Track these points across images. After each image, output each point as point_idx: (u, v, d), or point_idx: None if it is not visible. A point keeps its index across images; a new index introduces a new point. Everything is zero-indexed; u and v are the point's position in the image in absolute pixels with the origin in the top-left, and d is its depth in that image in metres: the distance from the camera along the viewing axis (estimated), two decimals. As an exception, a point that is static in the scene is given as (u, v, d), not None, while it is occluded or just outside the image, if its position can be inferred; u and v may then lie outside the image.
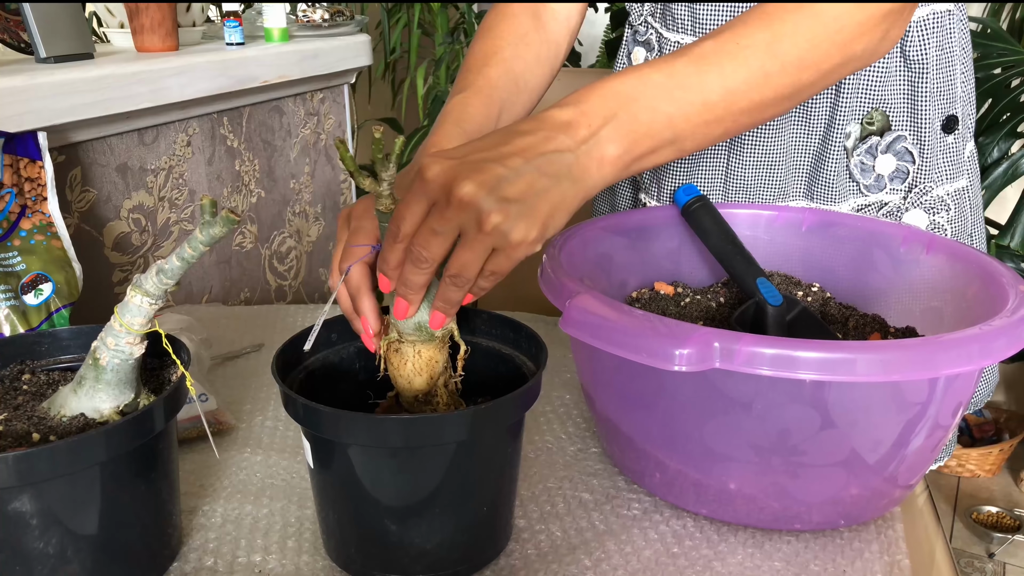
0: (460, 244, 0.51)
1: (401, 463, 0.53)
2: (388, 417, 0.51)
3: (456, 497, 0.54)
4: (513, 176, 0.50)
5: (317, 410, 0.52)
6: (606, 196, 1.06)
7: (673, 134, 0.57)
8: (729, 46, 0.58)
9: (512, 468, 0.59)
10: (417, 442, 0.52)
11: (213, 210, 0.52)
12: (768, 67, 0.59)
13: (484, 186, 0.49)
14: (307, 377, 0.62)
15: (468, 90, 0.75)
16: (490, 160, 0.51)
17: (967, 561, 1.94)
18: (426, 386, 0.60)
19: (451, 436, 0.52)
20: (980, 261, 0.68)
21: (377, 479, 0.53)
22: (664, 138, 0.57)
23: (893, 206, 0.85)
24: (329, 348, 0.65)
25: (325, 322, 0.61)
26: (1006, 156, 1.63)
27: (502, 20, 0.83)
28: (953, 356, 0.52)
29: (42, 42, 1.11)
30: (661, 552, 0.61)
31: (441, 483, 0.53)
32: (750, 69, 0.58)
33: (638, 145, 0.56)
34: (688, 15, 0.85)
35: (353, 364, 0.66)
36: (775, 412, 0.55)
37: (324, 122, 1.77)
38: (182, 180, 1.37)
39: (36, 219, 0.88)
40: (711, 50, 0.58)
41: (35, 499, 0.50)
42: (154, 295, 0.54)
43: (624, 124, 0.55)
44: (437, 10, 2.56)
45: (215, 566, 0.60)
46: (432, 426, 0.51)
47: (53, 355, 0.64)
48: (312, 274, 1.79)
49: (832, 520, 0.62)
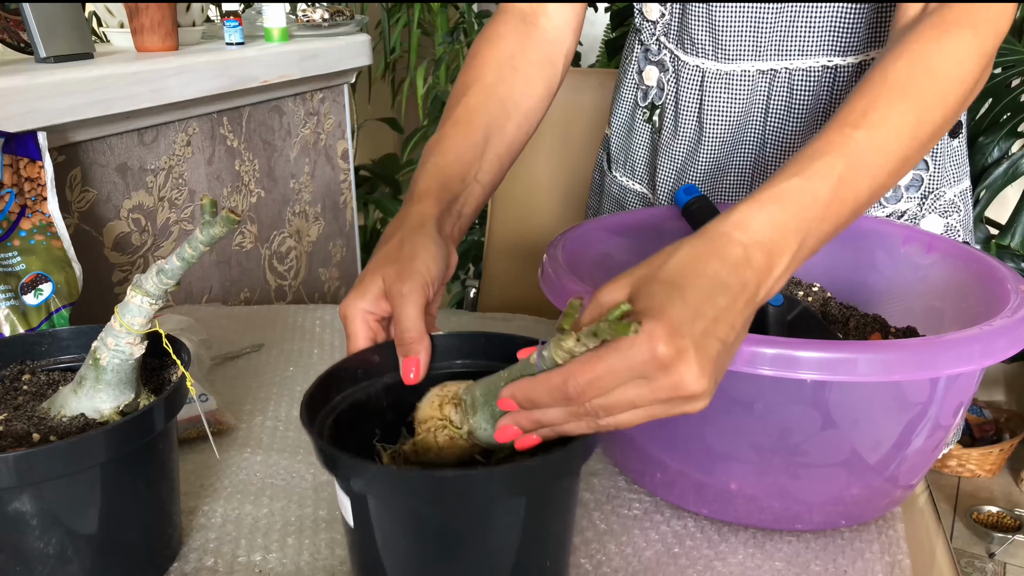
0: (641, 409, 0.46)
1: (453, 520, 0.48)
2: (457, 473, 0.47)
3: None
4: (727, 354, 0.47)
5: (378, 471, 0.47)
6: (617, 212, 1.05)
7: (817, 248, 0.55)
8: (869, 155, 0.55)
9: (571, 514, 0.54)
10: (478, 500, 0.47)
11: (213, 210, 0.52)
12: (910, 155, 0.57)
13: (707, 373, 0.45)
14: (336, 422, 0.56)
15: (447, 124, 0.72)
16: (710, 335, 0.45)
17: (967, 561, 1.94)
18: (454, 462, 0.54)
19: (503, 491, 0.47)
20: (981, 261, 0.68)
21: (445, 545, 0.48)
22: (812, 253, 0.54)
23: (911, 214, 0.85)
24: (355, 386, 0.58)
25: (349, 359, 0.58)
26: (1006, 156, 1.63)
27: (485, 46, 0.79)
28: (954, 356, 0.52)
29: (42, 42, 1.11)
30: (662, 552, 0.61)
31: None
32: (891, 158, 0.56)
33: (795, 267, 0.53)
34: (708, 39, 0.83)
35: (381, 401, 0.59)
36: (776, 412, 0.55)
37: (324, 122, 1.77)
38: (182, 180, 1.37)
39: (36, 219, 0.88)
40: (859, 157, 0.54)
41: (35, 499, 0.49)
42: (154, 295, 0.54)
43: (797, 260, 0.52)
44: (437, 10, 2.56)
45: (215, 566, 0.60)
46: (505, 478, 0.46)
47: (53, 355, 0.64)
48: (312, 274, 1.79)
49: (833, 520, 0.62)
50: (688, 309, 0.45)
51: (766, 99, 0.83)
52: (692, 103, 0.87)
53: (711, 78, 0.85)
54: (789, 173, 0.53)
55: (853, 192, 0.54)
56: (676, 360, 0.44)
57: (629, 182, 0.99)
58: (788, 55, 0.81)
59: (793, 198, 0.51)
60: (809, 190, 0.52)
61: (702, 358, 0.44)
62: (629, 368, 0.44)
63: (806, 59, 0.81)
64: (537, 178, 1.28)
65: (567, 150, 1.26)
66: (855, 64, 0.80)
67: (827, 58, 0.80)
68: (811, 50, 0.80)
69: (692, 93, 0.87)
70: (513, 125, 0.76)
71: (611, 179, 1.02)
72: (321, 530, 0.64)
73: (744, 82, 0.83)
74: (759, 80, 0.83)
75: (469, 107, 0.74)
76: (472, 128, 0.72)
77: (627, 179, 0.99)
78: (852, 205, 0.54)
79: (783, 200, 0.51)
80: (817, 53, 0.80)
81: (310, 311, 1.06)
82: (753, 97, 0.84)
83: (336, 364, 0.57)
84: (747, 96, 0.84)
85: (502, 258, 1.34)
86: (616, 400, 0.45)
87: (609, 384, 0.45)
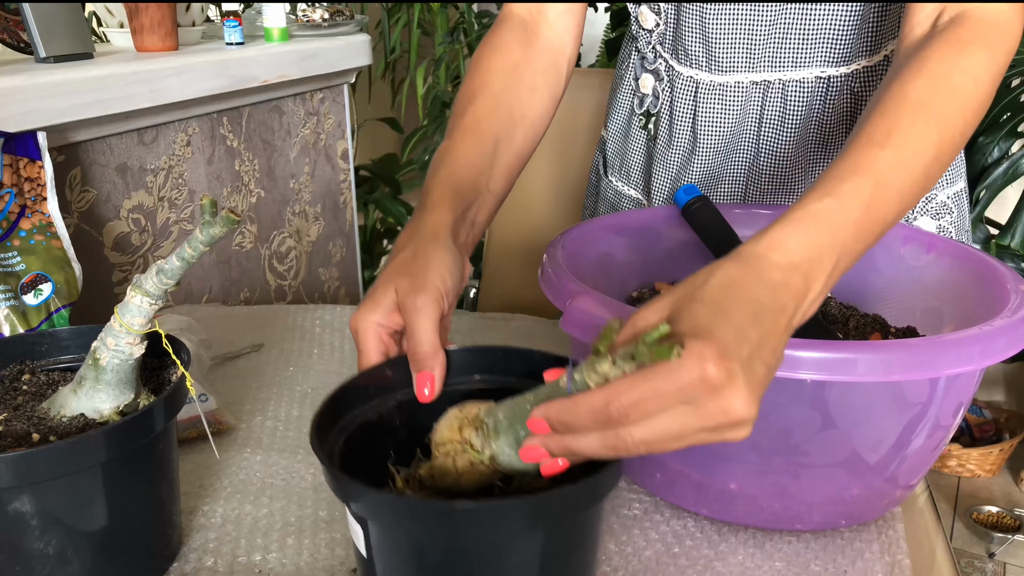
0: (687, 432, 0.43)
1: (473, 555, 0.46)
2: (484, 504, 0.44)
3: None
4: (768, 376, 0.45)
5: (380, 498, 0.45)
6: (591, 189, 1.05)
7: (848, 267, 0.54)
8: (898, 174, 0.55)
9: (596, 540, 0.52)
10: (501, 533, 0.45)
11: (213, 210, 0.52)
12: (932, 171, 0.57)
13: (754, 396, 0.43)
14: (347, 443, 0.53)
15: (455, 133, 0.71)
16: (755, 358, 0.44)
17: (967, 561, 1.94)
18: (474, 489, 0.52)
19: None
20: (981, 261, 0.68)
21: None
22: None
23: None
24: (367, 404, 0.56)
25: (360, 375, 0.56)
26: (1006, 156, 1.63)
27: (489, 53, 0.78)
28: (954, 356, 0.52)
29: (42, 42, 1.11)
30: (662, 552, 0.61)
31: None
32: (915, 176, 0.56)
33: (828, 290, 0.52)
34: (702, 51, 0.83)
35: (394, 420, 0.57)
36: (776, 412, 0.55)
37: (324, 122, 1.77)
38: (182, 180, 1.37)
39: (36, 219, 0.88)
40: (886, 176, 0.54)
41: (35, 499, 0.49)
42: (154, 295, 0.54)
43: (831, 282, 0.51)
44: (437, 10, 2.56)
45: (215, 566, 0.60)
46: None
47: (53, 355, 0.64)
48: (312, 274, 1.79)
49: (833, 520, 0.62)
50: (734, 331, 0.43)
51: (760, 110, 0.84)
52: (686, 113, 0.87)
53: (705, 89, 0.85)
54: (821, 193, 0.52)
55: (883, 211, 0.54)
56: (727, 383, 0.41)
57: (625, 187, 0.99)
58: (782, 67, 0.81)
59: (827, 219, 0.51)
60: (842, 211, 0.52)
61: (751, 382, 0.43)
62: (678, 391, 0.41)
63: (799, 71, 0.81)
64: (537, 178, 1.28)
65: (568, 150, 1.26)
66: (847, 73, 0.80)
67: (820, 69, 0.80)
68: (804, 62, 0.80)
69: (686, 103, 0.87)
70: (520, 134, 0.75)
71: (607, 184, 1.02)
72: (321, 530, 0.64)
73: (738, 93, 0.83)
74: (753, 92, 0.83)
75: (477, 116, 0.73)
76: (481, 137, 0.71)
77: (623, 184, 0.99)
78: (881, 224, 0.54)
79: (817, 221, 0.51)
80: (810, 64, 0.80)
81: (310, 311, 1.06)
82: (747, 108, 0.84)
83: (347, 381, 0.54)
84: (741, 107, 0.84)
85: (502, 258, 1.34)
86: (659, 426, 0.42)
87: (653, 408, 0.42)
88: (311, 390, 0.86)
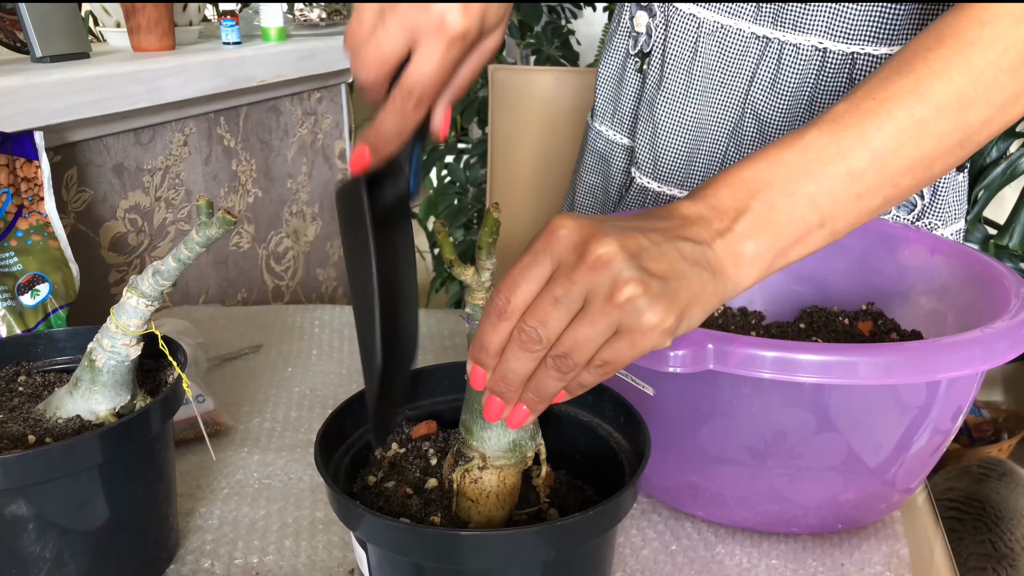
0: (579, 317, 0.43)
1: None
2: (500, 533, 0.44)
3: None
4: (655, 250, 0.43)
5: (376, 523, 0.44)
6: (599, 167, 1.01)
7: (820, 216, 0.49)
8: (866, 103, 0.50)
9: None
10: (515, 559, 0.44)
11: (209, 211, 0.51)
12: (919, 114, 0.50)
13: (626, 249, 0.42)
14: (351, 464, 0.53)
15: None
16: (629, 228, 0.44)
17: (965, 561, 1.94)
18: (506, 518, 0.51)
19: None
20: (984, 264, 0.67)
21: None
22: (810, 222, 0.48)
23: None
24: (367, 425, 0.56)
25: (359, 397, 0.56)
26: (1004, 156, 1.63)
27: None
28: (955, 359, 0.52)
29: (38, 41, 1.10)
30: (659, 551, 0.61)
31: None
32: (897, 122, 0.49)
33: (780, 237, 0.48)
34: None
35: (402, 434, 0.58)
36: (771, 414, 0.55)
37: (321, 122, 1.76)
38: (179, 180, 1.37)
39: (33, 219, 0.88)
40: (844, 111, 0.50)
41: (31, 502, 0.49)
42: (150, 296, 0.54)
43: (760, 215, 0.47)
44: (435, 9, 2.56)
45: (212, 568, 0.60)
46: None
47: (49, 356, 0.64)
48: (309, 274, 1.79)
49: (830, 524, 0.62)
50: (598, 216, 0.45)
51: (754, 67, 0.82)
52: (682, 54, 0.85)
53: (706, 31, 0.83)
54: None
55: (836, 150, 0.49)
56: (578, 232, 0.43)
57: (615, 135, 0.96)
58: (783, 25, 0.80)
59: (757, 158, 0.49)
60: (776, 153, 0.49)
61: (615, 233, 0.43)
62: (537, 258, 0.43)
63: (798, 35, 0.80)
64: (536, 178, 1.28)
65: (567, 150, 1.26)
66: (846, 53, 0.79)
67: (818, 39, 0.79)
68: (804, 26, 0.79)
69: (684, 44, 0.85)
70: None
71: (595, 133, 0.99)
72: (318, 532, 0.64)
73: (738, 43, 0.82)
74: (752, 46, 0.81)
75: None
76: None
77: (614, 132, 0.97)
78: (842, 164, 0.49)
79: (744, 163, 0.50)
80: (810, 31, 0.79)
81: (308, 311, 1.05)
82: (742, 62, 0.83)
83: (351, 397, 0.55)
84: (736, 59, 0.83)
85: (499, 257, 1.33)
86: (540, 302, 0.43)
87: (527, 284, 0.43)
88: (309, 391, 0.86)
